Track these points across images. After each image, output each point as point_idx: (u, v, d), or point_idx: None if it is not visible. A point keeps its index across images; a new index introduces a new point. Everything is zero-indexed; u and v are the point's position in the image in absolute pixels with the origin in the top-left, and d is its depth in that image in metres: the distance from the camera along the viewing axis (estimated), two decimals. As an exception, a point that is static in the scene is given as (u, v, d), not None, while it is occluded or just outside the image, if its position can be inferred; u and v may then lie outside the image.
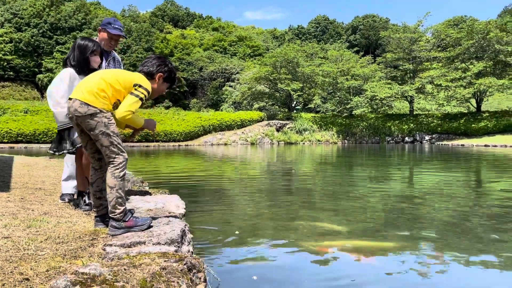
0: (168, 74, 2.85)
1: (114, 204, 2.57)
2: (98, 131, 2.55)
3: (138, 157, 16.46)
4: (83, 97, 2.55)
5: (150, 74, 2.79)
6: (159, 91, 2.88)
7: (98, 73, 2.70)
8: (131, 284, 1.72)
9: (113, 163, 2.59)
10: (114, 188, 2.56)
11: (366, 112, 36.93)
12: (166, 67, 2.84)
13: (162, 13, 77.55)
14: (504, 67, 31.95)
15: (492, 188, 7.30)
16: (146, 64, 2.82)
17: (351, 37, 74.09)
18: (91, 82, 2.61)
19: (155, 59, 2.85)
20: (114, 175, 2.57)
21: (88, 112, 2.53)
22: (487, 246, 3.35)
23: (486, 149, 21.42)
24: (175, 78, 2.96)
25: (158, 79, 2.81)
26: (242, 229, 4.03)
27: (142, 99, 2.63)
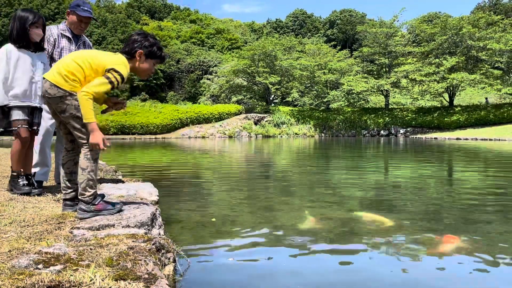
0: (149, 50, 2.60)
1: (84, 186, 2.51)
2: (68, 114, 2.48)
3: (113, 149, 16.18)
4: (53, 79, 2.47)
5: (129, 53, 2.60)
6: (146, 70, 2.66)
7: (70, 54, 2.59)
8: (96, 263, 1.70)
9: (86, 145, 2.52)
10: (86, 170, 2.51)
11: (343, 106, 37.36)
12: (146, 42, 2.60)
13: (139, 4, 76.13)
14: (476, 63, 32.82)
15: (461, 179, 7.51)
16: (127, 44, 2.63)
17: (329, 31, 74.55)
18: (63, 63, 2.51)
19: (135, 35, 2.65)
20: (86, 157, 2.51)
21: (58, 95, 2.46)
22: (457, 232, 3.45)
23: (457, 142, 22.02)
24: (161, 53, 2.69)
25: (139, 57, 2.60)
26: (217, 217, 4.02)
27: (112, 83, 2.45)
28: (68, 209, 2.71)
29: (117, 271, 1.64)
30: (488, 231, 3.40)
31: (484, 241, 3.11)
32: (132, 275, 1.63)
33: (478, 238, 3.19)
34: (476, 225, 3.62)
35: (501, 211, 4.21)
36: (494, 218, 3.89)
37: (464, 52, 32.20)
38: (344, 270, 2.58)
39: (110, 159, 10.98)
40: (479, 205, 4.59)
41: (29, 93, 3.32)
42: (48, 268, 1.62)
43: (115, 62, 2.51)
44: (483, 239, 3.16)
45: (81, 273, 1.56)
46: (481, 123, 30.25)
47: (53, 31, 3.84)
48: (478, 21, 32.46)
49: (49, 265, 1.64)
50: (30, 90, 3.32)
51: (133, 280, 1.59)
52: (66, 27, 3.88)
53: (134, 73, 2.71)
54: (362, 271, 2.54)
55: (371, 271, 2.54)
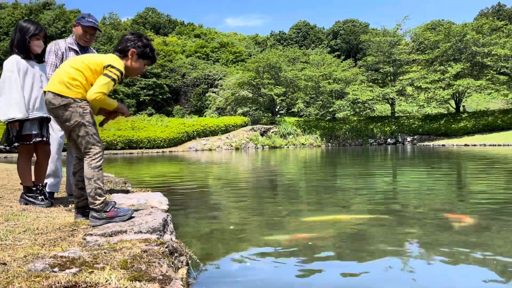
0: (142, 50, 2.68)
1: (93, 195, 2.53)
2: (73, 122, 2.50)
3: (122, 163, 16.27)
4: (55, 88, 2.49)
5: (122, 52, 2.66)
6: (136, 69, 2.72)
7: (66, 62, 2.62)
8: (111, 266, 1.71)
9: (89, 153, 2.54)
10: (92, 179, 2.52)
11: (349, 115, 37.29)
12: (139, 42, 2.68)
13: (144, 20, 77.19)
14: (481, 69, 32.72)
15: (472, 186, 7.44)
16: (120, 42, 2.71)
17: (332, 42, 74.89)
18: (61, 72, 2.54)
19: (128, 35, 2.73)
20: (91, 166, 2.53)
21: (62, 103, 2.48)
22: (469, 239, 3.41)
23: (466, 149, 21.86)
24: (153, 54, 2.77)
25: (131, 56, 2.66)
26: (228, 225, 4.02)
27: (114, 79, 2.52)
28: (80, 217, 2.73)
29: (132, 273, 1.65)
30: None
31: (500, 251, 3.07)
32: (147, 277, 1.64)
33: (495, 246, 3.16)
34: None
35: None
36: (506, 219, 3.85)
37: (469, 58, 32.13)
38: (355, 280, 2.56)
39: (119, 173, 11.03)
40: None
41: (40, 104, 3.35)
42: (64, 271, 1.63)
43: (110, 59, 2.58)
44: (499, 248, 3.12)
45: (96, 275, 1.58)
46: (488, 129, 30.01)
47: (61, 45, 3.91)
48: (482, 27, 32.44)
49: (65, 268, 1.66)
50: (40, 101, 3.35)
51: (148, 281, 1.60)
52: (73, 40, 3.96)
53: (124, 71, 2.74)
54: (372, 282, 2.52)
55: (381, 282, 2.52)
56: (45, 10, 56.57)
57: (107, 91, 2.51)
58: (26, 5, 55.64)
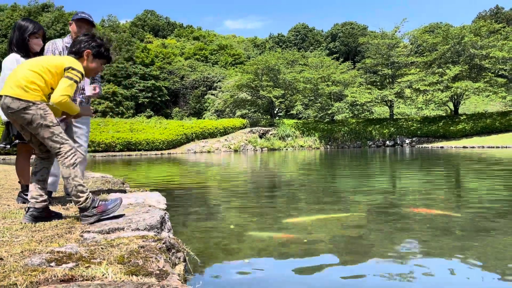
0: (96, 50, 2.69)
1: (75, 193, 2.48)
2: (36, 124, 2.44)
3: (120, 165, 16.25)
4: (13, 92, 2.42)
5: (77, 53, 2.66)
6: (93, 69, 2.72)
7: (24, 65, 2.55)
8: (108, 261, 1.71)
9: (60, 153, 2.49)
10: (69, 178, 2.47)
11: (347, 117, 37.33)
12: (93, 43, 2.69)
13: (142, 22, 77.26)
14: (479, 71, 32.80)
15: (471, 188, 7.46)
16: (74, 44, 2.70)
17: (331, 44, 75.05)
18: (18, 75, 2.47)
19: (82, 36, 2.73)
20: (65, 165, 2.48)
21: (21, 107, 2.41)
22: (468, 243, 3.42)
23: (464, 151, 21.90)
24: (109, 54, 2.77)
25: (86, 56, 2.66)
26: (227, 224, 4.02)
27: (76, 81, 2.50)
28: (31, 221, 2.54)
29: (129, 267, 1.65)
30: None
31: (493, 252, 3.08)
32: (144, 271, 1.64)
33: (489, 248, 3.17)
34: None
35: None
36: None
37: (467, 60, 32.22)
38: (354, 281, 2.56)
39: (117, 174, 11.02)
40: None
41: None
42: (61, 265, 1.63)
43: (70, 61, 2.56)
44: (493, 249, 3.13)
45: (93, 269, 1.58)
46: (487, 131, 30.08)
47: (58, 44, 3.91)
48: (480, 30, 32.54)
49: (62, 263, 1.66)
50: None
51: (145, 275, 1.60)
52: (70, 40, 3.95)
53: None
54: (370, 281, 2.52)
55: (379, 282, 2.52)
56: (44, 12, 56.61)
57: (71, 93, 2.48)
58: (24, 7, 55.71)
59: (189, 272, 2.29)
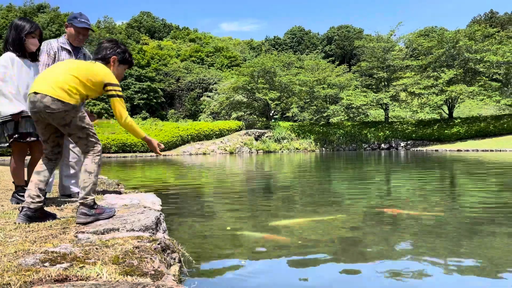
0: (121, 56, 2.82)
1: (89, 190, 2.55)
2: (73, 126, 2.53)
3: (115, 167, 16.19)
4: (55, 94, 2.46)
5: (104, 59, 2.77)
6: (118, 75, 2.83)
7: (64, 68, 2.59)
8: (103, 261, 1.70)
9: (94, 150, 2.61)
10: (93, 174, 2.57)
11: (343, 120, 37.42)
12: (118, 49, 2.82)
13: (138, 24, 77.10)
14: (474, 75, 33.01)
15: (466, 192, 7.50)
16: (99, 51, 2.80)
17: (327, 47, 75.25)
18: (61, 78, 2.51)
19: (106, 42, 2.84)
20: (95, 162, 2.60)
21: (62, 109, 2.46)
22: (462, 248, 3.43)
23: (459, 154, 22.01)
24: (131, 59, 2.92)
25: (113, 63, 2.79)
26: (222, 226, 4.01)
27: (120, 95, 2.68)
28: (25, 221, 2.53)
29: (124, 268, 1.65)
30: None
31: (487, 255, 3.10)
32: (139, 271, 1.63)
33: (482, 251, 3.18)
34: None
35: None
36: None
37: (462, 64, 32.42)
38: (348, 281, 2.57)
39: (112, 176, 10.98)
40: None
41: None
42: (55, 266, 1.62)
43: (106, 76, 2.65)
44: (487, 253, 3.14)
45: (87, 269, 1.57)
46: (481, 135, 30.25)
47: (53, 44, 3.89)
48: (475, 34, 32.75)
49: (56, 263, 1.65)
50: None
51: (140, 276, 1.59)
52: (65, 40, 3.94)
53: None
54: (362, 283, 2.53)
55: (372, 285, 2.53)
56: (39, 13, 56.40)
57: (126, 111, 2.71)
58: (20, 7, 55.49)
59: (184, 273, 2.28)
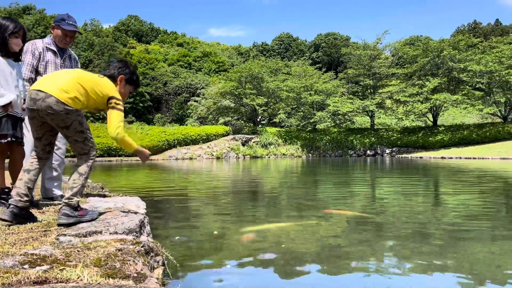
0: (129, 76, 2.91)
1: (76, 191, 2.56)
2: (72, 129, 2.57)
3: (100, 171, 15.99)
4: (60, 96, 2.50)
5: (112, 77, 2.83)
6: (124, 94, 2.91)
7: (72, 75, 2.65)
8: (84, 263, 1.67)
9: (89, 154, 2.66)
10: (83, 176, 2.61)
11: (329, 126, 37.68)
12: (127, 69, 2.91)
13: (126, 28, 76.64)
14: (458, 84, 33.60)
15: (448, 198, 7.60)
16: (109, 68, 2.89)
17: (314, 54, 75.83)
18: (68, 83, 2.56)
19: (117, 62, 2.93)
20: (88, 165, 2.64)
21: (64, 111, 2.50)
22: (445, 250, 3.47)
23: (442, 161, 22.33)
24: (138, 81, 3.01)
25: (120, 82, 2.87)
26: (207, 231, 3.99)
27: (121, 109, 2.74)
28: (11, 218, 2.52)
29: (106, 270, 1.62)
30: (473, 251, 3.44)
31: (469, 261, 3.14)
32: (121, 274, 1.61)
33: (464, 257, 3.22)
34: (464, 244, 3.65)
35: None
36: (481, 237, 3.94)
37: (446, 73, 32.99)
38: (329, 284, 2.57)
39: (96, 179, 10.84)
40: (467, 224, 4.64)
41: (15, 103, 3.25)
42: (34, 268, 1.59)
43: (112, 90, 2.75)
44: (469, 259, 3.18)
45: (68, 272, 1.54)
46: (464, 142, 30.76)
47: (38, 44, 3.84)
48: (458, 44, 33.39)
49: (35, 265, 1.61)
50: (15, 101, 3.25)
51: (122, 278, 1.57)
52: (51, 40, 3.89)
53: None
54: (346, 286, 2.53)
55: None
56: (25, 14, 55.71)
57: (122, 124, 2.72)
58: (5, 9, 54.74)
59: (167, 276, 2.25)
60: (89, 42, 50.77)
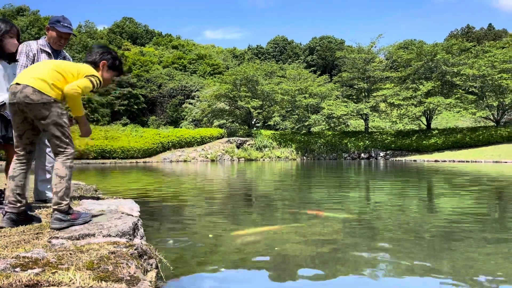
0: (111, 62, 2.86)
1: (62, 195, 2.48)
2: (50, 121, 2.48)
3: (94, 173, 15.90)
4: (37, 85, 2.46)
5: (94, 63, 2.79)
6: (105, 79, 2.86)
7: (49, 64, 2.62)
8: (76, 266, 1.66)
9: (65, 153, 2.54)
10: (64, 178, 2.50)
11: (324, 129, 37.76)
12: (109, 55, 2.86)
13: (120, 30, 76.44)
14: (451, 87, 33.82)
15: (442, 201, 7.63)
16: (90, 54, 2.85)
17: (309, 57, 76.03)
18: (45, 72, 2.53)
19: (98, 48, 2.89)
20: (65, 165, 2.53)
21: (42, 101, 2.45)
22: (439, 255, 3.49)
23: (436, 164, 22.45)
24: (121, 67, 2.95)
25: (102, 67, 2.81)
26: (200, 234, 3.97)
27: (93, 85, 2.63)
28: (10, 224, 2.52)
29: (98, 273, 1.61)
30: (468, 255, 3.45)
31: (462, 264, 3.15)
32: (114, 277, 1.60)
33: (456, 260, 3.24)
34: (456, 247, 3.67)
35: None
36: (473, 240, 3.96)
37: (439, 77, 33.20)
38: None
39: (90, 181, 10.78)
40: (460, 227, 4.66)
41: (6, 105, 3.22)
42: (26, 271, 1.57)
43: (92, 71, 2.71)
44: (462, 263, 3.20)
45: (60, 275, 1.52)
46: (458, 146, 30.95)
47: (32, 46, 3.82)
48: (452, 48, 33.64)
49: (27, 268, 1.60)
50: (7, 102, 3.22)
51: (115, 281, 1.56)
52: (45, 42, 3.87)
53: None
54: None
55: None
56: (19, 16, 55.40)
57: (85, 91, 2.58)
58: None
59: (161, 279, 2.24)
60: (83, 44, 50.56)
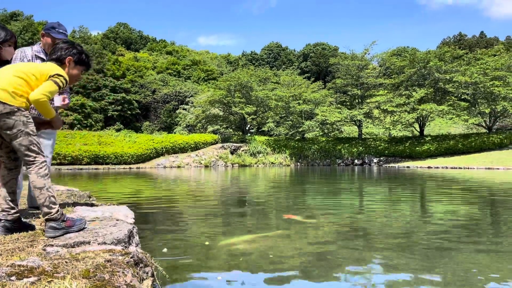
0: (78, 56, 2.76)
1: (48, 204, 2.42)
2: (16, 130, 2.40)
3: (87, 179, 15.80)
4: None
5: (59, 60, 2.70)
6: (73, 76, 2.77)
7: (9, 70, 2.52)
8: (72, 275, 1.65)
9: (35, 162, 2.45)
10: (44, 188, 2.43)
11: (318, 135, 37.88)
12: (74, 49, 2.76)
13: (115, 35, 76.36)
14: (444, 94, 34.13)
15: (434, 207, 7.68)
16: (54, 51, 2.74)
17: (303, 64, 76.35)
18: (4, 80, 2.44)
19: (62, 43, 2.78)
20: (40, 175, 2.44)
21: (5, 111, 2.37)
22: (432, 261, 3.50)
23: (429, 171, 22.58)
24: (89, 61, 2.85)
25: (68, 63, 2.72)
26: (196, 241, 3.96)
27: (59, 86, 2.53)
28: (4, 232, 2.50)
29: (94, 282, 1.60)
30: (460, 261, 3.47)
31: (453, 272, 3.17)
32: (110, 286, 1.59)
33: (449, 268, 3.26)
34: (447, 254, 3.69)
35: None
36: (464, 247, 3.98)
37: (432, 84, 33.51)
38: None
39: (83, 187, 10.70)
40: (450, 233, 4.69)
41: None
42: (22, 279, 1.56)
43: (56, 69, 2.60)
44: (455, 270, 3.22)
45: (56, 284, 1.51)
46: (450, 152, 31.18)
47: (27, 52, 3.80)
48: (444, 55, 34.01)
49: (23, 277, 1.59)
50: None
51: (111, 290, 1.55)
52: (40, 48, 3.85)
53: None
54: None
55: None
56: (13, 21, 55.15)
57: (51, 95, 2.49)
58: (-8, 14, 54.08)
59: (157, 287, 2.23)
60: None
